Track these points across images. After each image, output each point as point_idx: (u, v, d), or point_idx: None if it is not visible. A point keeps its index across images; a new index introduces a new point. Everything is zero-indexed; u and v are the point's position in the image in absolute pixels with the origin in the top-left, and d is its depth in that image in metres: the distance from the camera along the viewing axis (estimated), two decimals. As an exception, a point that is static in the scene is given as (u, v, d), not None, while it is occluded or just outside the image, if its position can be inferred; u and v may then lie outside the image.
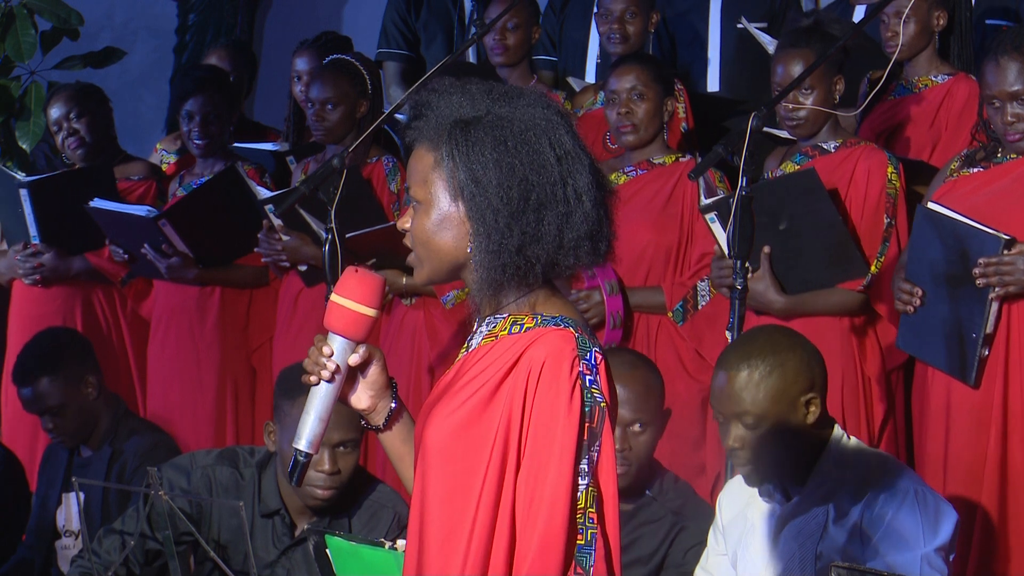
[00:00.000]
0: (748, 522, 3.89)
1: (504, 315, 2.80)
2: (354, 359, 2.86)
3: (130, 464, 5.30)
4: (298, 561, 4.34)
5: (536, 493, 2.68)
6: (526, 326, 2.77)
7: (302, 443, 2.86)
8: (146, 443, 5.32)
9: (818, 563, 3.72)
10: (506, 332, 2.77)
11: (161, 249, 5.99)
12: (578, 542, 2.70)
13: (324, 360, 2.84)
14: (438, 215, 2.78)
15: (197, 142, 6.11)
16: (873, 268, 4.91)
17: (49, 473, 5.50)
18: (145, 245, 6.01)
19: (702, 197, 5.11)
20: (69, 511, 5.44)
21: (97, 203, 5.99)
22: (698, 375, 5.23)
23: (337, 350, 2.85)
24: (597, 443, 2.72)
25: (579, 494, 2.69)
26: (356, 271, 2.87)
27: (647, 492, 4.29)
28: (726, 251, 4.95)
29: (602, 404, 2.72)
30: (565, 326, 2.75)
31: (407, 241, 2.83)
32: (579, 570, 2.70)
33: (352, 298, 2.85)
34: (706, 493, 4.81)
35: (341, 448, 4.24)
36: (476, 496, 2.70)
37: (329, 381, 2.85)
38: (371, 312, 2.85)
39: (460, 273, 2.81)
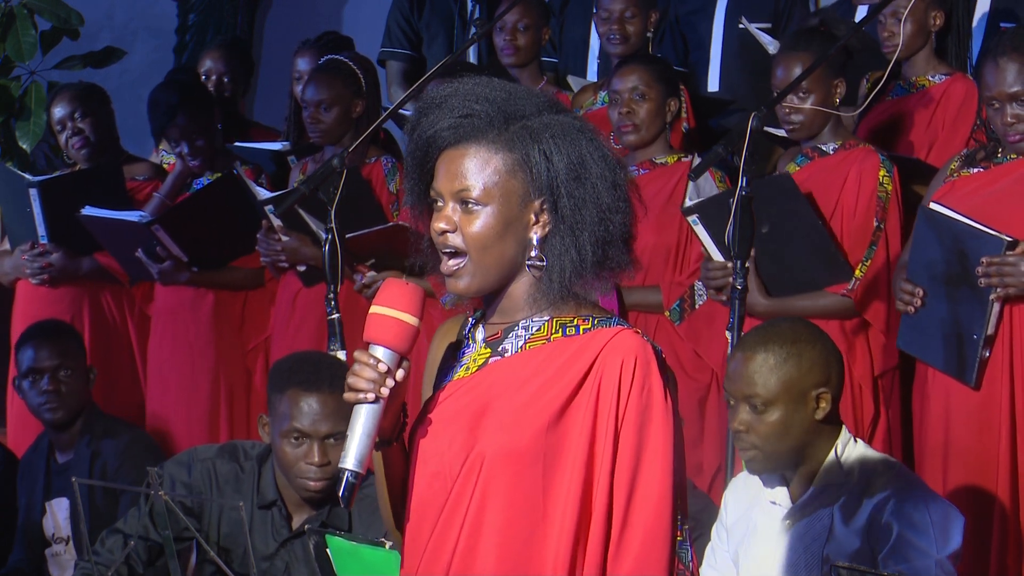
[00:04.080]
0: (752, 523, 3.88)
1: (545, 318, 2.77)
2: (400, 374, 2.75)
3: (110, 464, 5.32)
4: (297, 553, 4.35)
5: (638, 488, 2.68)
6: (582, 327, 2.75)
7: (351, 462, 2.70)
8: (122, 442, 5.36)
9: (824, 566, 3.71)
10: (559, 335, 2.75)
11: (155, 253, 6.00)
12: (677, 538, 2.71)
13: (381, 377, 2.71)
14: (504, 219, 2.72)
15: (193, 163, 6.15)
16: (858, 272, 4.90)
17: (28, 482, 5.51)
18: (139, 250, 6.01)
19: (686, 200, 5.12)
20: (56, 518, 5.45)
21: (88, 211, 6.00)
22: (695, 374, 5.23)
23: (390, 365, 2.73)
24: (679, 440, 2.74)
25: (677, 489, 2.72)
26: (402, 283, 2.77)
27: None
28: (712, 253, 4.96)
29: (675, 400, 2.75)
30: (627, 326, 2.75)
31: (453, 241, 2.74)
32: (680, 566, 2.71)
33: (400, 308, 2.74)
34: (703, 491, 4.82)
35: (331, 440, 4.25)
36: (563, 493, 2.68)
37: (384, 398, 2.72)
38: (418, 323, 2.75)
39: (507, 281, 2.76)
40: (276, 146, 6.50)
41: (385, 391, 2.72)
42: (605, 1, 6.04)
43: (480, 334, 2.83)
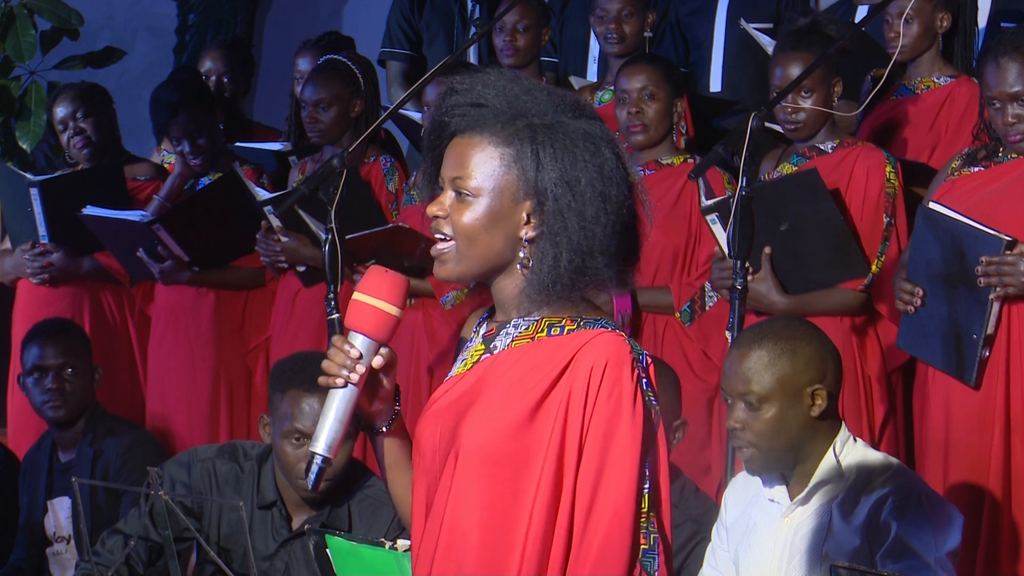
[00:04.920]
0: (752, 521, 3.88)
1: (536, 317, 2.74)
2: (378, 361, 2.75)
3: (113, 464, 5.32)
4: (296, 554, 4.35)
5: (599, 496, 2.64)
6: (567, 328, 2.71)
7: (320, 447, 2.74)
8: (126, 441, 5.37)
9: (823, 564, 3.71)
10: (544, 334, 2.72)
11: (156, 252, 6.00)
12: (642, 546, 2.66)
13: (351, 362, 2.73)
14: (493, 212, 2.70)
15: (195, 162, 6.14)
16: (874, 268, 4.91)
17: (31, 482, 5.51)
18: (140, 250, 6.01)
19: (703, 198, 5.10)
20: (57, 517, 5.45)
21: (90, 210, 5.99)
22: (705, 375, 5.23)
23: (363, 351, 2.75)
24: (655, 446, 2.69)
25: (642, 498, 2.66)
26: (384, 271, 2.77)
27: None
28: (727, 252, 4.95)
29: (656, 408, 2.70)
30: (612, 329, 2.71)
31: (443, 227, 2.73)
32: (644, 575, 2.66)
33: (380, 297, 2.74)
34: (712, 492, 4.81)
35: None
36: (531, 498, 2.65)
37: (355, 384, 2.75)
38: (398, 312, 2.75)
39: (495, 275, 2.74)
40: (276, 146, 6.50)
41: (355, 377, 2.73)
42: (602, 1, 6.05)
43: (483, 330, 2.83)
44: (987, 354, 4.56)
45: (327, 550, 3.95)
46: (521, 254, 2.71)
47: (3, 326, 6.47)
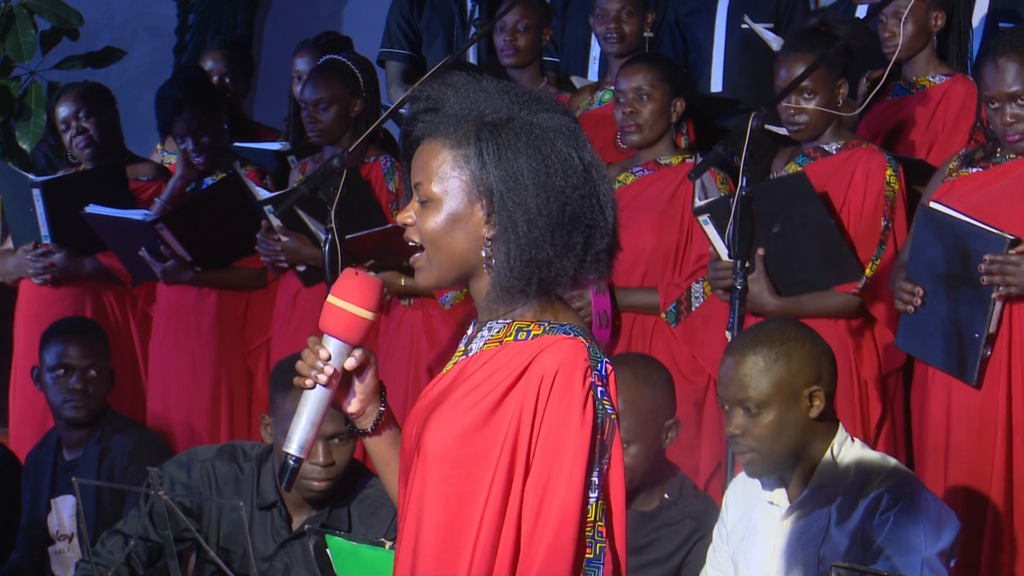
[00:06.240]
0: (751, 524, 3.89)
1: (508, 320, 2.74)
2: (350, 363, 2.78)
3: (119, 462, 5.32)
4: (296, 555, 4.35)
5: (545, 504, 2.62)
6: (533, 333, 2.71)
7: (293, 447, 2.77)
8: (132, 440, 5.37)
9: (821, 566, 3.71)
10: (511, 338, 2.71)
11: (159, 251, 6.00)
12: (586, 556, 2.65)
13: (320, 364, 2.76)
14: (451, 215, 2.70)
15: (198, 160, 6.13)
16: (868, 271, 4.90)
17: (34, 480, 5.51)
18: (142, 249, 6.02)
19: (696, 199, 5.10)
20: (60, 515, 5.45)
21: (93, 208, 6.00)
22: (692, 377, 5.22)
23: (333, 353, 2.77)
24: (607, 455, 2.67)
25: (588, 507, 2.65)
26: (356, 273, 2.80)
27: (666, 496, 4.30)
28: (722, 253, 4.95)
29: (612, 416, 2.67)
30: (575, 335, 2.70)
31: (412, 235, 2.75)
32: None
33: (351, 300, 2.78)
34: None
35: (335, 440, 4.25)
36: (481, 503, 2.64)
37: (325, 386, 2.77)
38: (369, 316, 2.77)
39: (467, 278, 2.74)
40: (276, 146, 6.51)
41: (322, 378, 2.76)
42: (601, 0, 6.05)
43: (470, 331, 2.84)
44: (989, 353, 4.56)
45: (327, 550, 3.95)
46: (484, 254, 2.71)
47: (4, 326, 6.47)
